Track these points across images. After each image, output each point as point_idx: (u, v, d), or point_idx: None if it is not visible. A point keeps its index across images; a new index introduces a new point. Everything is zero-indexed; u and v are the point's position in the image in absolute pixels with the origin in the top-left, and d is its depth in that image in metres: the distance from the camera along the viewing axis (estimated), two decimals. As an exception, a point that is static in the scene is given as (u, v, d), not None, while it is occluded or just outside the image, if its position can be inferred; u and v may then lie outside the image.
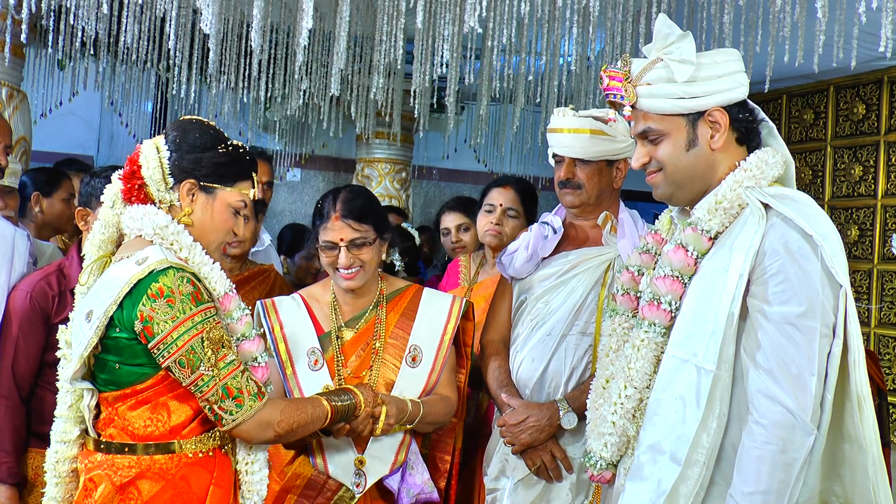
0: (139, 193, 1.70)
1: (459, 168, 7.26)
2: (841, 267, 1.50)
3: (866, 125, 5.28)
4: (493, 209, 2.85)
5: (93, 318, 1.59)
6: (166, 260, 1.58)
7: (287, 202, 7.25)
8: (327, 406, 1.78)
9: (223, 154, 1.74)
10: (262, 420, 1.63)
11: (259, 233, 3.47)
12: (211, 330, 1.58)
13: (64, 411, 1.71)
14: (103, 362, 1.62)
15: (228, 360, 1.60)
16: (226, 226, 1.76)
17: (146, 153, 1.71)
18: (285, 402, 1.73)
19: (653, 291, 1.67)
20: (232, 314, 1.70)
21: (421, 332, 2.18)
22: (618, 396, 1.71)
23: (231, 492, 1.70)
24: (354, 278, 2.14)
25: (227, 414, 1.60)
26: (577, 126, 2.29)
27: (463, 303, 2.24)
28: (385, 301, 2.23)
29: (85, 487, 1.63)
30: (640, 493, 1.58)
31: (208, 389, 1.58)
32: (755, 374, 1.50)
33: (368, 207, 2.16)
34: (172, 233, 1.67)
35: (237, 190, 1.76)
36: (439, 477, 2.22)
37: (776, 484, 1.45)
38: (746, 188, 1.60)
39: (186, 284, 1.57)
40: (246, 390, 1.60)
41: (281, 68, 4.71)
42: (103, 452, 1.63)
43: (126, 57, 4.70)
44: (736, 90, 1.65)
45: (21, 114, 4.29)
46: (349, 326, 2.20)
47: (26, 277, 2.36)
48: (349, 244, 2.11)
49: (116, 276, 1.60)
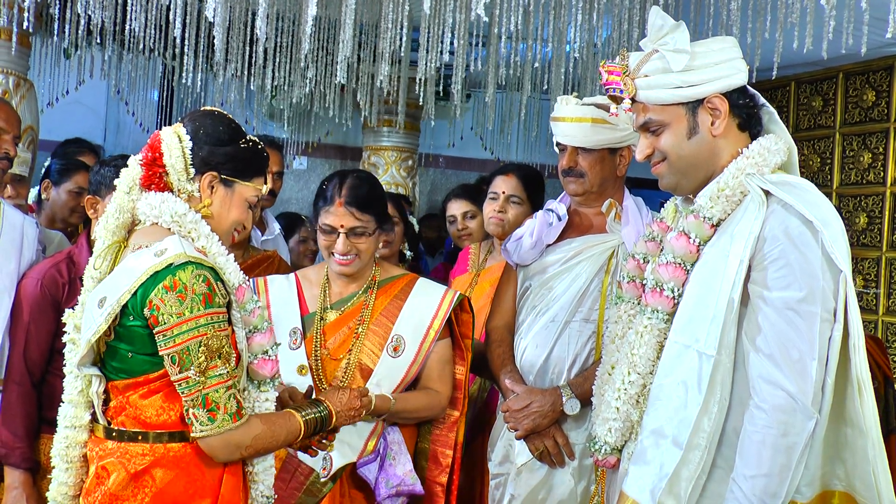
0: (159, 181, 1.70)
1: (466, 156, 7.24)
2: (841, 252, 1.51)
3: (876, 112, 5.25)
4: (496, 197, 2.86)
5: (105, 304, 1.59)
6: (185, 254, 1.58)
7: (294, 190, 7.26)
8: (300, 422, 1.73)
9: (244, 149, 1.75)
10: (230, 441, 1.59)
11: (266, 220, 3.50)
12: (212, 337, 1.57)
13: (74, 396, 1.71)
14: (115, 350, 1.63)
15: (218, 371, 1.57)
16: (240, 218, 1.77)
17: (168, 141, 1.70)
18: (262, 427, 1.65)
19: (656, 278, 1.69)
20: (245, 306, 1.70)
21: (406, 322, 2.16)
22: (621, 382, 1.73)
23: (242, 480, 1.71)
24: (349, 265, 2.14)
25: (197, 422, 1.57)
26: (579, 115, 2.31)
27: (456, 296, 2.22)
28: (376, 287, 2.22)
29: (97, 475, 1.63)
30: (643, 477, 1.60)
31: (189, 393, 1.57)
32: (756, 359, 1.51)
33: (373, 197, 2.15)
34: (191, 221, 1.67)
35: (253, 185, 1.77)
36: (440, 471, 2.21)
37: (777, 468, 1.47)
38: (748, 175, 1.61)
39: (202, 284, 1.56)
40: (223, 407, 1.57)
41: (287, 56, 4.71)
42: (115, 440, 1.63)
43: (132, 45, 4.70)
44: (734, 76, 1.66)
45: (28, 103, 4.30)
46: (334, 308, 2.20)
47: (36, 265, 2.38)
48: (349, 231, 2.11)
49: (134, 266, 1.60)
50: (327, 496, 2.08)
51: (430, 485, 2.20)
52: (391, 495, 2.11)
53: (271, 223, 3.53)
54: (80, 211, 2.94)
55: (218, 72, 4.83)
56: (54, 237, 2.81)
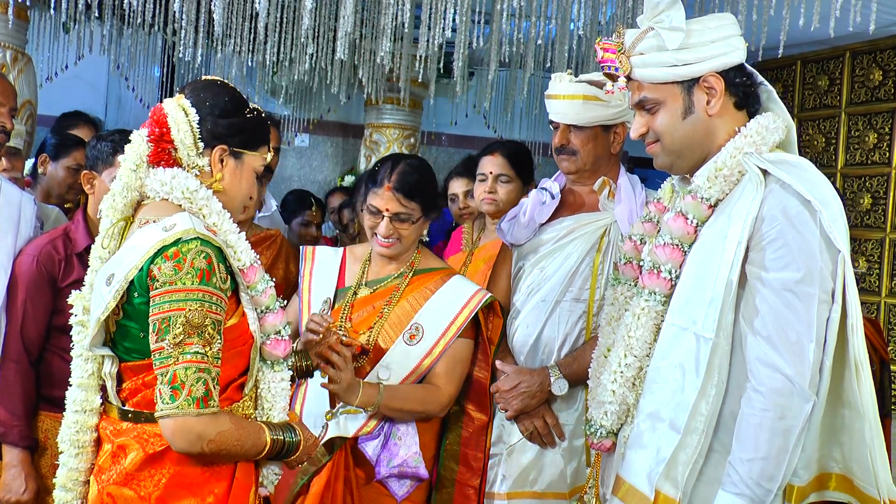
0: (168, 157, 1.65)
1: (469, 134, 7.20)
2: (840, 232, 1.49)
3: (882, 92, 5.19)
4: (485, 178, 2.85)
5: (113, 281, 1.56)
6: (194, 230, 1.54)
7: (295, 168, 7.24)
8: (267, 439, 1.64)
9: (250, 119, 1.71)
10: (190, 428, 1.49)
11: (263, 197, 3.49)
12: (197, 312, 1.50)
13: (84, 380, 1.67)
14: (126, 330, 1.59)
15: (193, 349, 1.49)
16: (250, 190, 1.75)
17: (174, 116, 1.64)
18: (230, 426, 1.56)
19: (653, 260, 1.67)
20: (256, 286, 1.66)
21: (429, 312, 2.17)
22: (617, 365, 1.72)
23: (253, 466, 1.69)
24: (390, 248, 2.18)
25: (160, 399, 1.50)
26: (571, 92, 2.29)
27: (486, 296, 2.20)
28: (412, 273, 2.24)
29: (113, 454, 1.60)
30: (640, 461, 1.59)
31: (161, 366, 1.51)
32: (753, 342, 1.50)
33: (422, 186, 2.18)
34: (202, 198, 1.63)
35: (260, 154, 1.74)
36: (472, 474, 2.21)
37: (774, 451, 1.46)
38: (745, 154, 1.59)
39: (202, 259, 1.52)
40: (188, 388, 1.48)
41: (288, 32, 4.66)
42: (131, 422, 1.60)
43: (131, 21, 4.65)
44: (731, 54, 1.63)
45: (26, 77, 4.28)
46: (368, 286, 2.24)
47: (32, 241, 2.37)
48: (393, 216, 2.14)
49: (141, 242, 1.56)
50: (331, 468, 2.09)
51: (461, 488, 2.21)
52: (393, 475, 2.11)
53: (268, 200, 3.52)
54: (78, 187, 2.92)
55: (218, 47, 4.78)
56: (51, 212, 2.80)
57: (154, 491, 1.55)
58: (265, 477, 1.74)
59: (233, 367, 1.63)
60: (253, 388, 1.69)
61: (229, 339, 1.60)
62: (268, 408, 1.70)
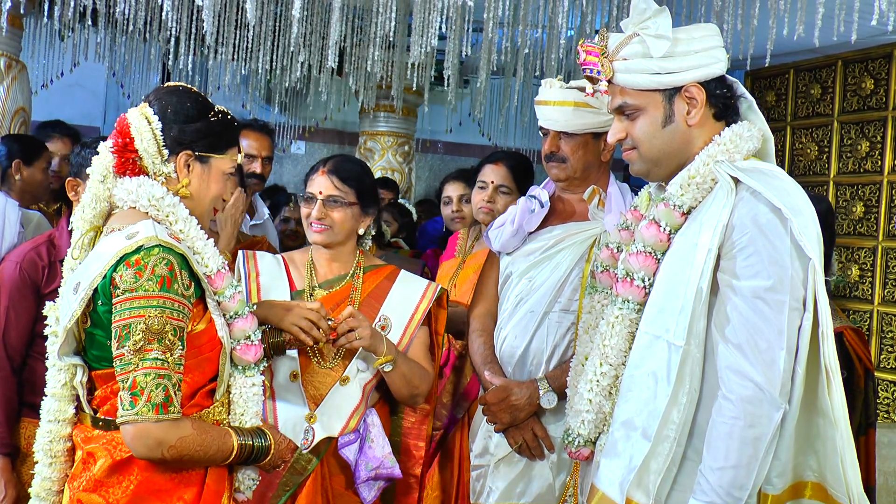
0: (133, 166, 1.66)
1: (464, 141, 7.22)
2: (811, 240, 1.48)
3: (874, 100, 5.19)
4: (485, 186, 2.83)
5: (79, 289, 1.57)
6: (156, 237, 1.55)
7: (291, 175, 7.24)
8: (234, 444, 1.64)
9: (214, 122, 1.72)
10: (149, 433, 1.50)
11: (255, 205, 3.49)
12: (157, 319, 1.50)
13: (58, 390, 1.68)
14: (93, 338, 1.60)
15: (153, 356, 1.50)
16: (219, 192, 1.76)
17: (137, 125, 1.66)
18: (191, 432, 1.56)
19: (626, 268, 1.67)
20: (224, 292, 1.67)
21: (393, 304, 2.18)
22: (594, 374, 1.71)
23: (227, 472, 1.69)
24: (322, 233, 2.16)
25: (120, 405, 1.51)
26: (561, 98, 2.26)
27: (437, 289, 2.23)
28: (363, 271, 2.24)
29: (84, 460, 1.62)
30: (614, 470, 1.59)
31: (122, 373, 1.52)
32: (725, 350, 1.49)
33: (356, 174, 2.20)
34: (168, 205, 1.64)
35: (228, 157, 1.75)
36: (414, 463, 2.23)
37: (745, 459, 1.45)
38: (717, 163, 1.59)
39: (163, 266, 1.53)
40: (147, 394, 1.49)
41: (279, 40, 4.67)
42: (102, 429, 1.61)
43: (126, 28, 4.67)
44: (713, 66, 1.63)
45: (20, 84, 4.29)
46: (323, 287, 2.21)
47: (16, 248, 2.37)
48: (326, 199, 2.14)
49: (105, 250, 1.57)
50: (314, 480, 2.08)
51: (404, 477, 2.20)
52: (370, 478, 2.11)
53: (260, 208, 3.52)
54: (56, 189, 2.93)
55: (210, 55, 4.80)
56: (32, 217, 2.80)
57: (122, 497, 1.55)
58: (241, 482, 1.74)
59: (201, 373, 1.63)
60: (225, 393, 1.69)
61: (196, 345, 1.61)
62: (240, 413, 1.70)
